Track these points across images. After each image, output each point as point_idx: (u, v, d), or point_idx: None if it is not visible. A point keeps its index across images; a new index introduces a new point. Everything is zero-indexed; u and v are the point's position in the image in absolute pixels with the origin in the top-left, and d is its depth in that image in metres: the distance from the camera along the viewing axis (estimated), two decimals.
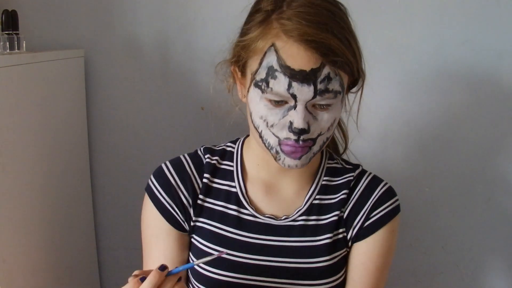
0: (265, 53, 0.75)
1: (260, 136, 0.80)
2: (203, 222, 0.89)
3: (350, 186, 0.91)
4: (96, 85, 1.48)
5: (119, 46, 1.45)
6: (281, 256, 0.86)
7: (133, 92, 1.47)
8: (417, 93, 1.37)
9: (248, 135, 0.94)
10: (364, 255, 0.89)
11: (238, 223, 0.88)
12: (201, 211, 0.89)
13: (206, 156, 0.92)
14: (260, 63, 0.75)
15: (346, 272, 0.90)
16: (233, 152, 0.93)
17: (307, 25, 0.72)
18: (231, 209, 0.89)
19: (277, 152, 0.79)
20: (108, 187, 1.54)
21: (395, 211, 0.91)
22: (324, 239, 0.87)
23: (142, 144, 1.50)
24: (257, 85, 0.77)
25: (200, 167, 0.91)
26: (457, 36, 1.34)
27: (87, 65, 1.46)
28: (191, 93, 1.45)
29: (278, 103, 0.76)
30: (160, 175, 0.91)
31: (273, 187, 0.90)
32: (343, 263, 0.89)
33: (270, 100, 0.76)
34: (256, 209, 0.88)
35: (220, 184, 0.90)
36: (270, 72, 0.74)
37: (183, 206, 0.89)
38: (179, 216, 0.89)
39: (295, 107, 0.76)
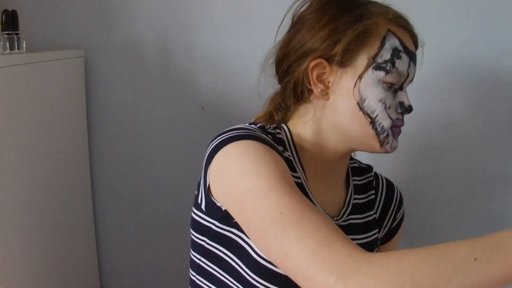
0: (384, 37, 0.80)
1: (372, 122, 0.80)
2: None
3: (374, 186, 0.94)
4: (96, 85, 1.48)
5: (119, 46, 1.45)
6: None
7: (133, 92, 1.47)
8: (416, 93, 1.37)
9: (276, 125, 0.87)
10: None
11: None
12: None
13: (269, 136, 0.80)
14: (382, 46, 0.80)
15: None
16: (284, 140, 0.84)
17: (400, 14, 0.83)
18: None
19: (387, 135, 0.81)
20: (108, 187, 1.54)
21: (404, 213, 0.97)
22: (367, 237, 0.89)
23: (142, 144, 1.50)
24: (379, 67, 0.79)
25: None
26: (457, 36, 1.34)
27: (87, 65, 1.46)
28: (191, 93, 1.45)
29: (391, 86, 0.81)
30: (246, 129, 0.76)
31: (325, 185, 0.87)
32: None
33: (386, 82, 0.80)
34: (319, 204, 0.83)
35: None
36: (395, 52, 0.80)
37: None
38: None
39: (401, 88, 0.82)
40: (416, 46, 0.85)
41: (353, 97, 0.80)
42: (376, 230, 0.91)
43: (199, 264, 0.83)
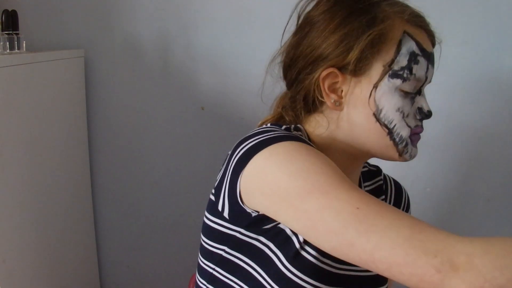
0: (400, 41, 0.75)
1: (390, 132, 0.76)
2: None
3: (384, 190, 0.90)
4: (96, 85, 1.47)
5: (119, 46, 1.45)
6: (346, 264, 0.77)
7: (133, 92, 1.47)
8: None
9: (296, 127, 0.81)
10: None
11: None
12: None
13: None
14: (398, 51, 0.75)
15: None
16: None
17: (416, 12, 0.77)
18: None
19: (406, 145, 0.77)
20: (108, 186, 1.54)
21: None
22: None
23: (142, 144, 1.50)
24: (396, 75, 0.75)
25: None
26: (457, 36, 1.34)
27: (87, 65, 1.46)
28: (191, 93, 1.45)
29: (409, 93, 0.76)
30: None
31: None
32: None
33: (403, 90, 0.75)
34: None
35: None
36: (412, 57, 0.75)
37: None
38: None
39: (419, 92, 0.77)
40: (433, 45, 0.80)
41: (368, 108, 0.75)
42: None
43: (212, 273, 0.79)
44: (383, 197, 0.90)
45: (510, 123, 1.38)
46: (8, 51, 1.19)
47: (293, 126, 0.80)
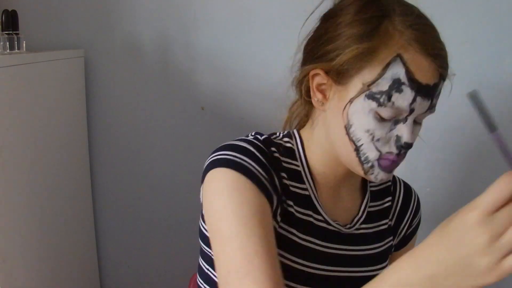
0: (389, 63, 0.69)
1: (357, 149, 0.73)
2: (282, 228, 0.77)
3: (391, 192, 0.90)
4: (96, 85, 1.48)
5: (119, 46, 1.45)
6: (345, 265, 0.81)
7: (133, 92, 1.47)
8: None
9: (288, 132, 0.85)
10: None
11: (312, 230, 0.79)
12: (285, 214, 0.77)
13: (272, 149, 0.78)
14: (381, 74, 0.69)
15: None
16: (293, 150, 0.81)
17: (431, 37, 0.71)
18: (306, 215, 0.79)
19: (371, 167, 0.74)
20: (108, 187, 1.54)
21: (421, 218, 0.94)
22: (379, 246, 0.86)
23: (142, 144, 1.50)
24: (372, 97, 0.70)
25: (272, 162, 0.77)
26: (457, 36, 1.34)
27: (87, 65, 1.46)
28: (191, 93, 1.45)
29: (385, 119, 0.71)
30: (242, 149, 0.74)
31: (337, 193, 0.84)
32: None
33: (378, 114, 0.71)
34: (328, 215, 0.81)
35: (292, 186, 0.79)
36: (396, 85, 0.69)
37: (276, 195, 0.75)
38: (274, 203, 0.74)
39: (405, 120, 0.72)
40: (441, 78, 0.73)
41: (341, 119, 0.74)
42: (391, 238, 0.88)
43: (207, 273, 0.81)
44: (390, 198, 0.89)
45: (510, 123, 1.38)
46: (8, 51, 1.19)
47: (285, 133, 0.83)
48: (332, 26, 0.75)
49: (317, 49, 0.76)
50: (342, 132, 0.74)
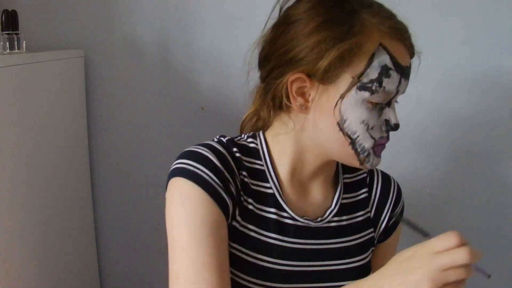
0: (374, 53, 0.74)
1: (352, 142, 0.76)
2: (244, 227, 0.79)
3: (368, 184, 0.91)
4: (96, 85, 1.48)
5: (119, 46, 1.45)
6: (320, 259, 0.83)
7: (133, 92, 1.47)
8: (416, 93, 1.37)
9: (253, 133, 0.87)
10: (384, 255, 0.90)
11: (278, 227, 0.81)
12: (245, 213, 0.79)
13: (234, 150, 0.81)
14: (369, 64, 0.74)
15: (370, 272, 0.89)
16: (258, 150, 0.84)
17: (397, 21, 0.76)
18: (270, 212, 0.81)
19: (367, 155, 0.77)
20: (108, 187, 1.54)
21: (404, 206, 0.93)
22: (356, 238, 0.87)
23: (142, 144, 1.50)
24: (364, 88, 0.74)
25: (236, 161, 0.80)
26: (457, 36, 1.34)
27: (87, 65, 1.46)
28: (191, 93, 1.45)
29: (376, 105, 0.76)
30: (200, 158, 0.77)
31: (305, 189, 0.86)
32: (369, 262, 0.89)
33: (372, 102, 0.75)
34: (294, 212, 0.83)
35: (254, 184, 0.81)
36: (384, 71, 0.74)
37: (232, 200, 0.77)
38: (230, 209, 0.77)
39: (389, 104, 0.77)
40: (412, 56, 0.79)
41: (333, 116, 0.76)
42: (371, 229, 0.89)
43: None
44: (366, 190, 0.89)
45: (510, 122, 1.38)
46: (8, 51, 1.20)
47: (249, 134, 0.86)
48: (299, 29, 0.76)
49: (293, 52, 0.76)
50: (335, 129, 0.76)
